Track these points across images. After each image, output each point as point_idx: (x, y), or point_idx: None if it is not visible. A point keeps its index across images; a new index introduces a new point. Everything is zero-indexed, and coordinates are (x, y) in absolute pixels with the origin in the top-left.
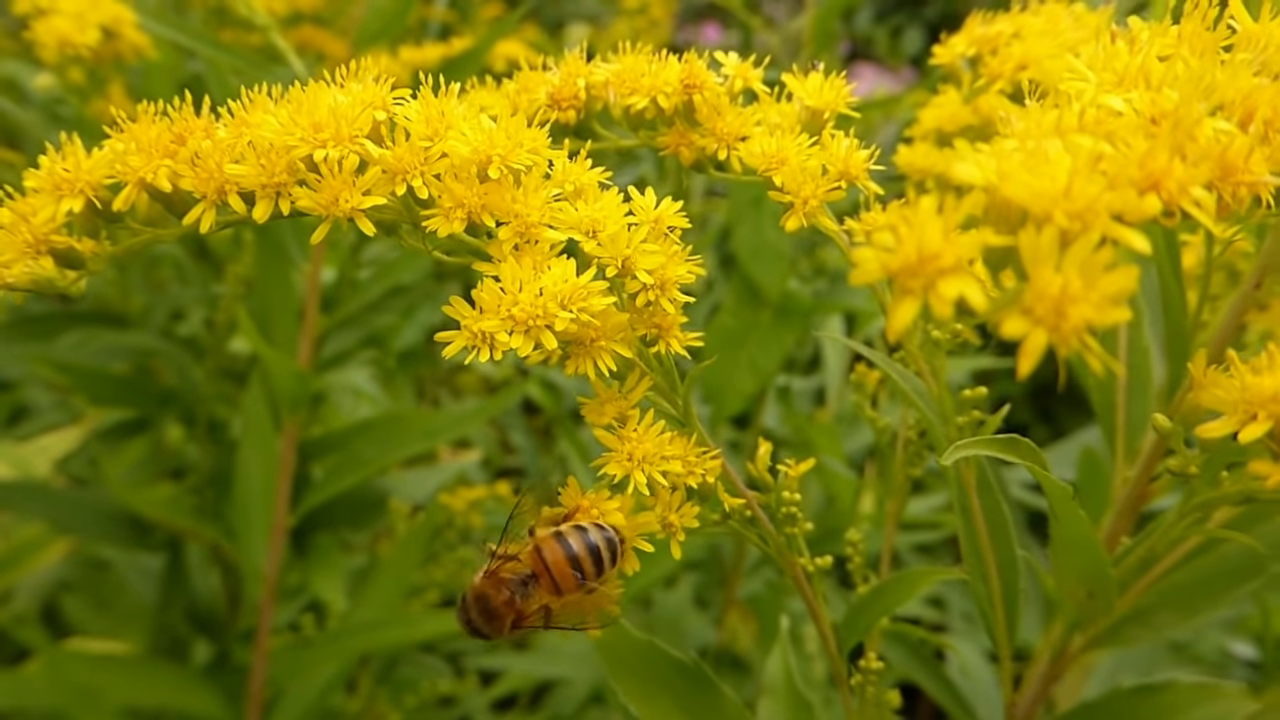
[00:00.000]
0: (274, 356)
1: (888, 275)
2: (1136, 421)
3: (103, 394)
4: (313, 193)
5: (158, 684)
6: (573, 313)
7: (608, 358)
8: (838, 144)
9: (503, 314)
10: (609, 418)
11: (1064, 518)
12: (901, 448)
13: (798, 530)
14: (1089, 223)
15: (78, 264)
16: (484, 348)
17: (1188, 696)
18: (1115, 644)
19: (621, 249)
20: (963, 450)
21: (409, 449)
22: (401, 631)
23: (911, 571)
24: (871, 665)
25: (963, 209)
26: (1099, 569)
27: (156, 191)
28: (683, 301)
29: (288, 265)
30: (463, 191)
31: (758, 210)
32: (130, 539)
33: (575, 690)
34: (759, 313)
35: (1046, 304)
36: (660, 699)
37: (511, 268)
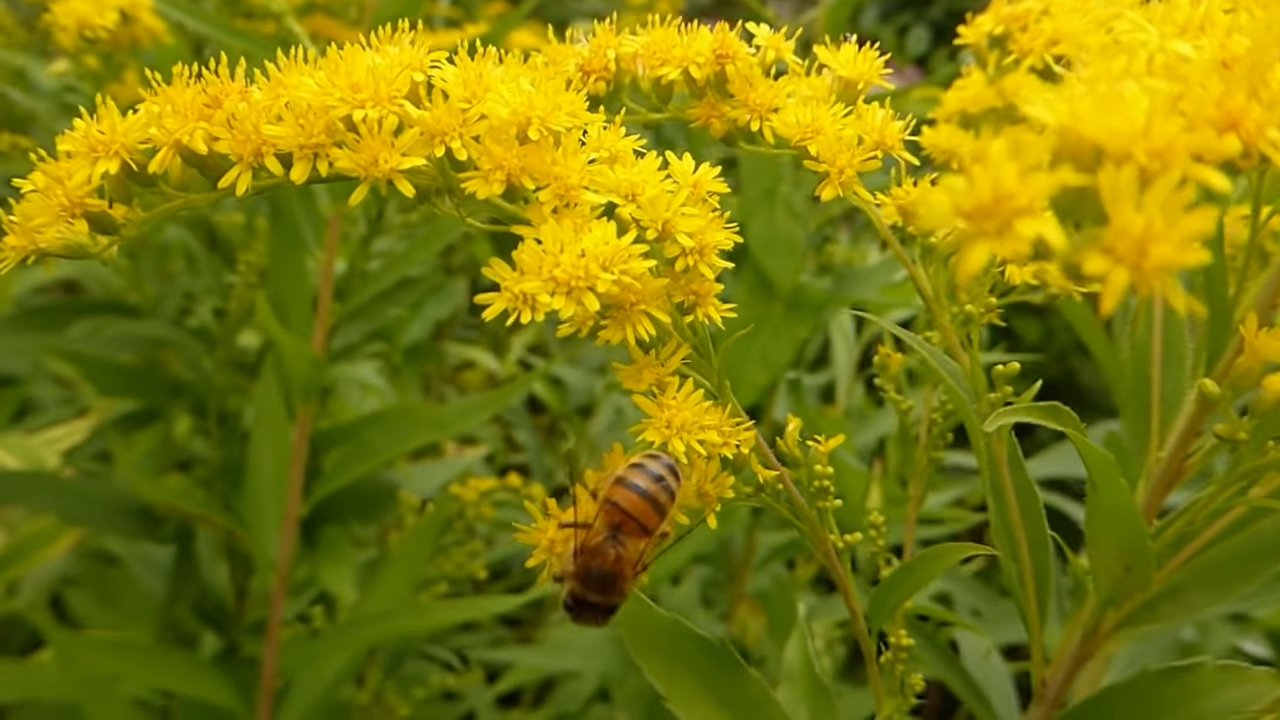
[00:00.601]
0: (289, 341)
1: (961, 216)
2: (1171, 397)
3: (112, 384)
4: (352, 153)
5: (169, 671)
6: (614, 274)
7: (646, 322)
8: (873, 113)
9: (545, 275)
10: (646, 384)
11: (1104, 487)
12: (925, 430)
13: (828, 504)
14: (1169, 162)
15: (110, 229)
16: (525, 309)
17: (1214, 679)
18: (1149, 622)
19: (661, 212)
20: (1004, 418)
21: (418, 439)
22: (412, 622)
23: (940, 547)
24: (902, 642)
25: (1037, 149)
26: (1138, 540)
27: (191, 155)
28: (720, 268)
29: (302, 252)
30: (502, 153)
31: (771, 202)
32: (140, 530)
33: (581, 687)
34: (771, 305)
35: (1128, 242)
36: (685, 677)
37: (553, 229)
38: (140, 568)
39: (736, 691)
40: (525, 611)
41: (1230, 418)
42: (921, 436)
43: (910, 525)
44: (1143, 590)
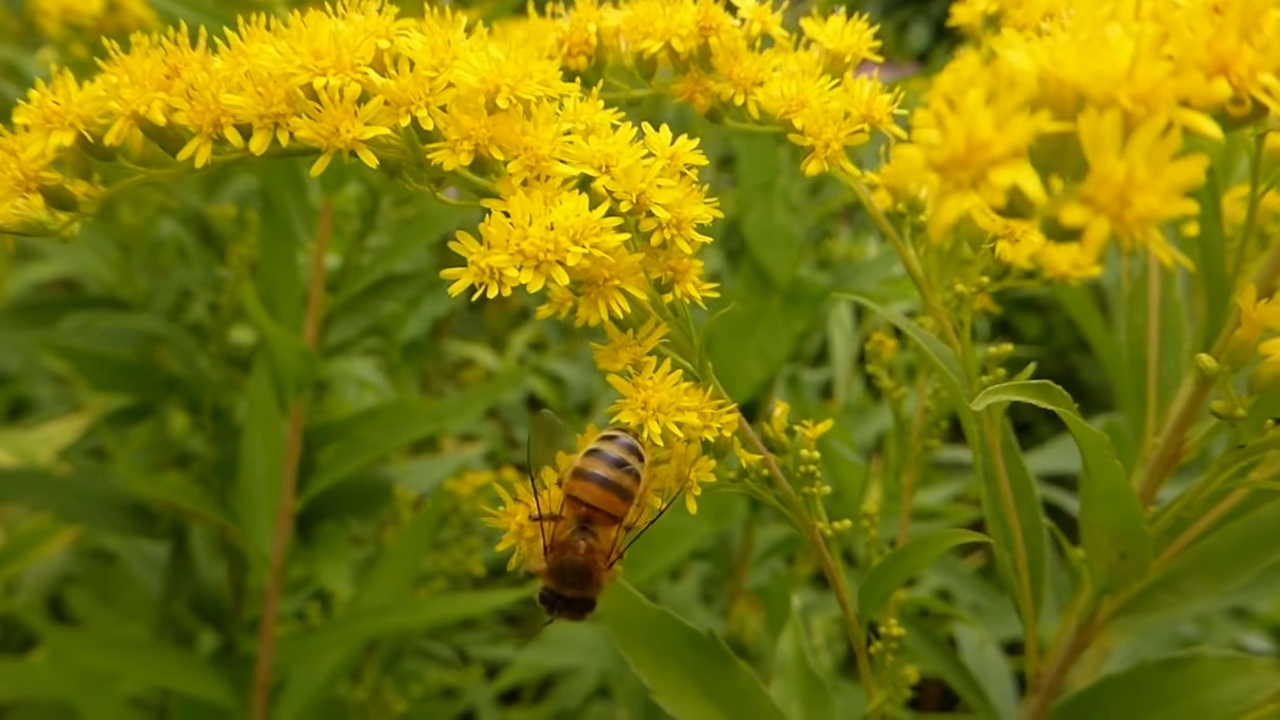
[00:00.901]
0: (279, 333)
1: (933, 169)
2: (1168, 380)
3: (105, 379)
4: (312, 123)
5: (164, 668)
6: (585, 248)
7: (620, 299)
8: (860, 86)
9: (512, 248)
10: (623, 364)
11: (1098, 470)
12: (919, 416)
13: (816, 490)
14: (1154, 107)
15: (69, 205)
16: (492, 284)
17: (1216, 670)
18: (1146, 611)
19: (636, 183)
20: (994, 395)
21: (414, 433)
22: (408, 617)
23: (932, 534)
24: (893, 632)
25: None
26: (1134, 525)
27: (151, 127)
28: (700, 243)
29: (293, 245)
30: (470, 123)
31: (768, 195)
32: (135, 527)
33: (581, 684)
34: (768, 299)
35: (1110, 191)
36: (673, 671)
37: (521, 201)
38: (138, 565)
39: (725, 684)
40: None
41: (1228, 394)
42: (917, 425)
43: (904, 514)
44: (1139, 577)
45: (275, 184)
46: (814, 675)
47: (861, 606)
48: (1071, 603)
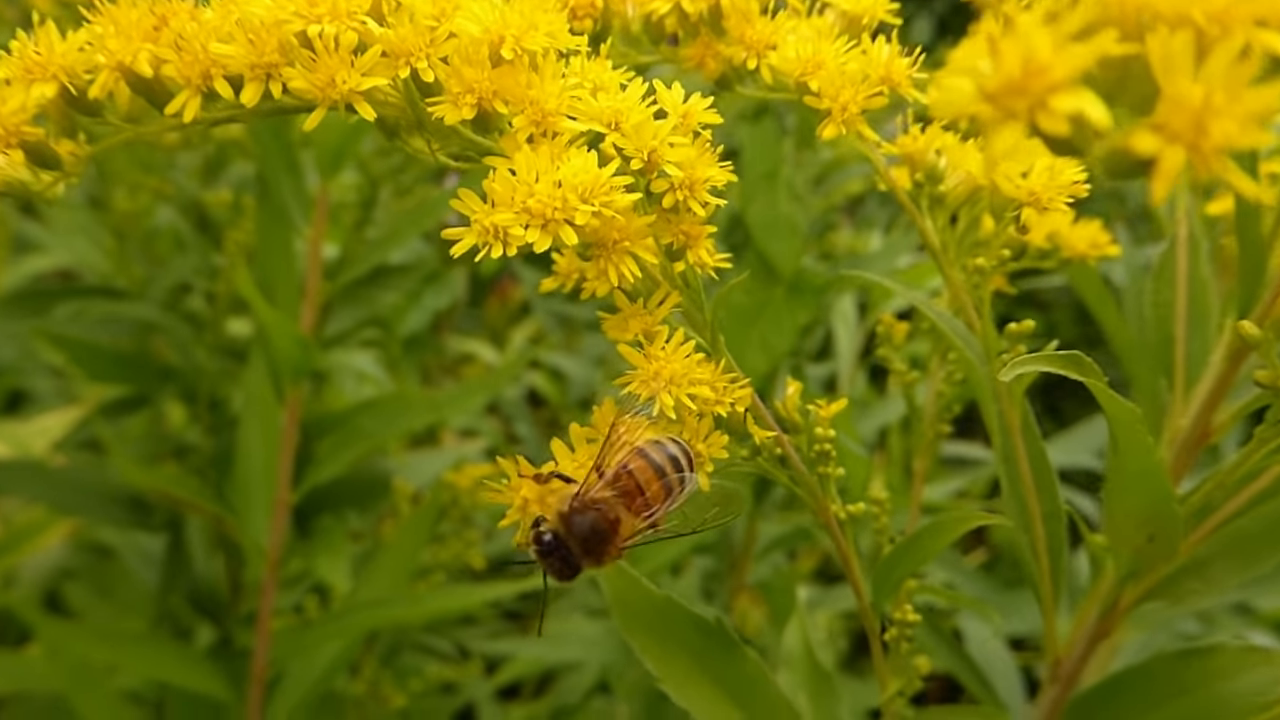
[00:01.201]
0: (276, 319)
1: (985, 99)
2: (1196, 356)
3: (100, 369)
4: (307, 73)
5: (160, 661)
6: (595, 206)
7: (631, 264)
8: (878, 48)
9: (517, 206)
10: (633, 333)
11: (1127, 447)
12: (933, 400)
13: (830, 471)
14: (1230, 27)
15: (53, 163)
16: (496, 244)
17: (1235, 661)
18: (1170, 597)
19: (647, 140)
20: (1022, 366)
21: (414, 422)
22: (406, 610)
23: (947, 517)
24: (908, 618)
25: (1075, 18)
26: (1163, 505)
27: (137, 79)
28: (713, 205)
29: (289, 231)
30: (473, 75)
31: (772, 185)
32: (130, 519)
33: (581, 679)
34: (772, 290)
35: (1185, 117)
36: (679, 658)
37: (527, 157)
38: (134, 559)
39: (732, 671)
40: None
41: (1272, 362)
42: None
43: (915, 502)
44: (1167, 560)
45: (271, 168)
46: (820, 666)
47: (876, 592)
48: (1092, 590)
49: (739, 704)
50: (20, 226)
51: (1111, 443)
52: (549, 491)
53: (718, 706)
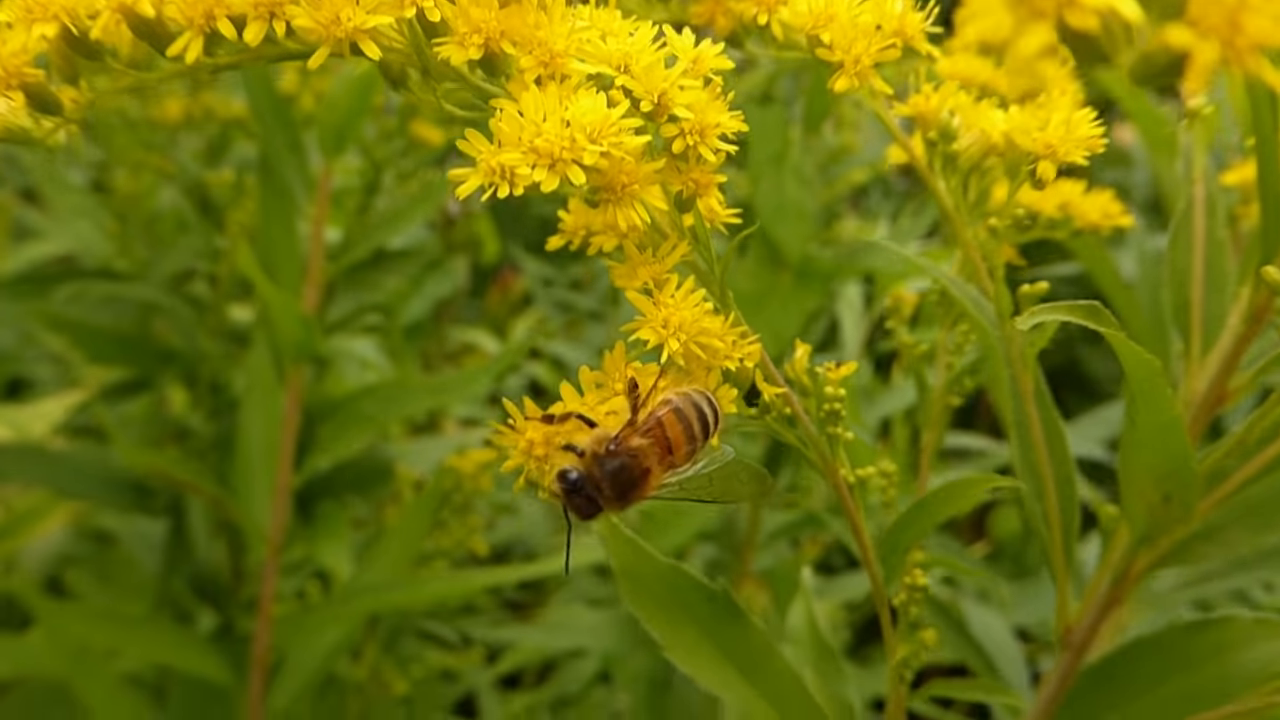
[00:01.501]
0: (278, 297)
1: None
2: (1213, 317)
3: (101, 351)
4: (311, 10)
5: (161, 644)
6: (603, 146)
7: (640, 209)
8: (892, 1)
9: (525, 145)
10: (641, 281)
11: (1146, 401)
12: (942, 371)
13: (840, 431)
14: None
15: (54, 108)
16: (502, 184)
17: (1248, 632)
18: (1184, 562)
19: (657, 83)
20: (1041, 315)
21: (416, 406)
22: (408, 594)
23: (960, 480)
24: (918, 581)
25: None
26: (1181, 462)
27: (139, 22)
28: (724, 153)
29: (292, 211)
30: (480, 15)
31: (779, 169)
32: (132, 503)
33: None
34: (779, 275)
35: (1219, 12)
36: (685, 628)
37: (535, 97)
38: (135, 544)
39: (740, 641)
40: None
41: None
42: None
43: (923, 474)
44: (1183, 522)
45: (274, 148)
46: (826, 644)
47: (884, 556)
48: (1105, 557)
49: (746, 674)
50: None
51: (1128, 399)
52: (573, 430)
53: (725, 675)
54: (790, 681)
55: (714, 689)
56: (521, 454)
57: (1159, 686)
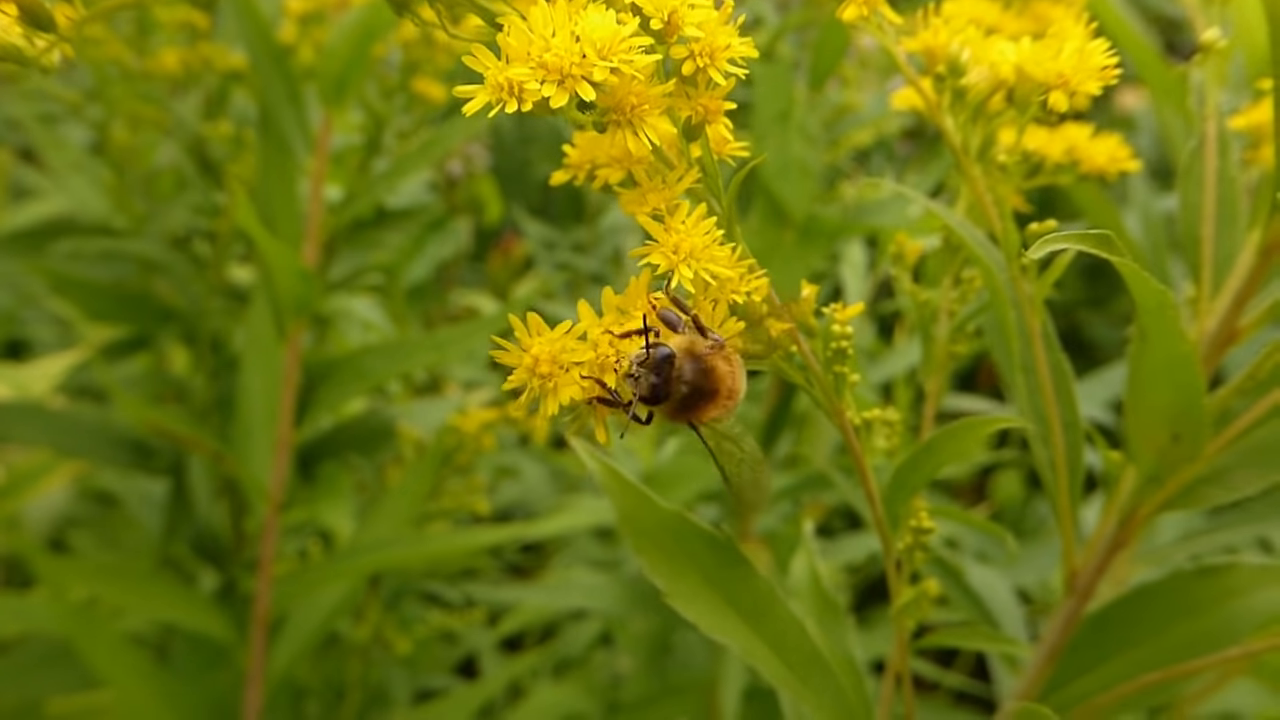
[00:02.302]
0: (277, 250)
1: None
2: (1224, 256)
3: (100, 308)
4: None
5: (163, 601)
6: (613, 63)
7: (649, 130)
8: None
9: (533, 61)
10: (650, 206)
11: (1156, 334)
12: (944, 320)
13: (847, 370)
14: None
15: (47, 25)
16: (510, 100)
17: (1251, 578)
18: (1191, 505)
19: (668, 0)
20: (1054, 243)
21: (416, 362)
22: (409, 551)
23: (966, 421)
24: (924, 524)
25: None
26: (1191, 398)
27: None
28: (733, 77)
29: (291, 165)
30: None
31: (784, 127)
32: (133, 462)
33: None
34: (782, 233)
35: None
36: (688, 575)
37: (543, 11)
38: (136, 504)
39: (743, 589)
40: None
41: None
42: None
43: (928, 422)
44: (1191, 461)
45: (273, 100)
46: (829, 598)
47: (890, 500)
48: (1112, 496)
49: (749, 621)
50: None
51: (1137, 335)
52: (631, 341)
53: (728, 622)
54: (794, 628)
55: (717, 635)
56: (526, 371)
57: (1163, 632)
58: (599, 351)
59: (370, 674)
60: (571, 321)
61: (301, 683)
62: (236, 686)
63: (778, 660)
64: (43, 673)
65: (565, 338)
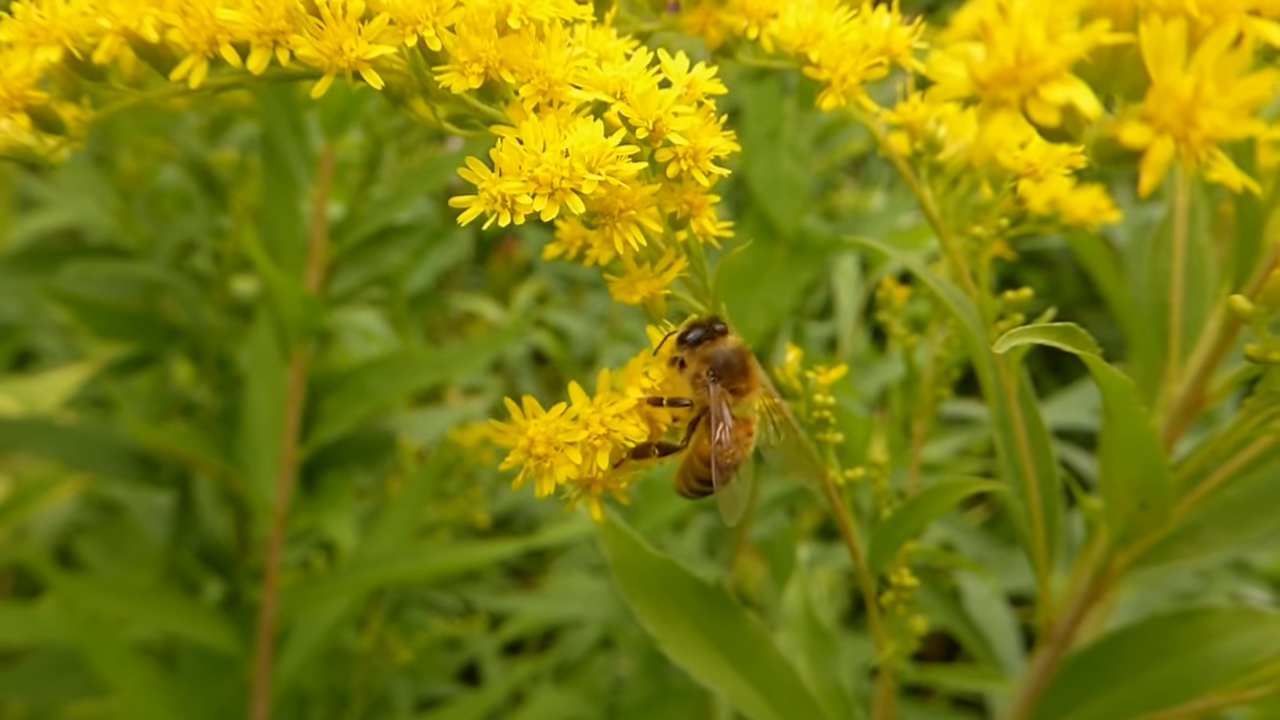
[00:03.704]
0: (281, 279)
1: (978, 86)
2: (1192, 325)
3: (109, 327)
4: (314, 40)
5: (170, 614)
6: (601, 175)
7: (636, 231)
8: (879, 18)
9: (525, 175)
10: (640, 296)
11: (1120, 416)
12: (931, 364)
13: (829, 438)
14: (1223, 16)
15: (57, 128)
16: (504, 212)
17: (1228, 622)
18: (1163, 561)
19: (652, 110)
20: (1016, 338)
21: (418, 381)
22: (411, 566)
23: (944, 483)
24: (905, 582)
25: (1067, 7)
26: (1155, 474)
27: (142, 44)
28: (716, 175)
29: (294, 191)
30: (480, 44)
31: (774, 144)
32: (139, 475)
33: (584, 635)
34: (773, 249)
35: (1174, 108)
36: (679, 621)
37: (534, 126)
38: (143, 515)
39: (733, 635)
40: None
41: (1264, 336)
42: (929, 374)
43: (914, 465)
44: (1158, 527)
45: (276, 128)
46: (820, 626)
47: (873, 557)
48: (1085, 553)
49: (738, 666)
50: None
51: (1105, 411)
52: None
53: (717, 669)
54: (783, 672)
55: (708, 682)
56: (521, 452)
57: (1141, 674)
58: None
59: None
60: (566, 404)
61: (306, 690)
62: (243, 695)
63: (766, 704)
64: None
65: (560, 419)
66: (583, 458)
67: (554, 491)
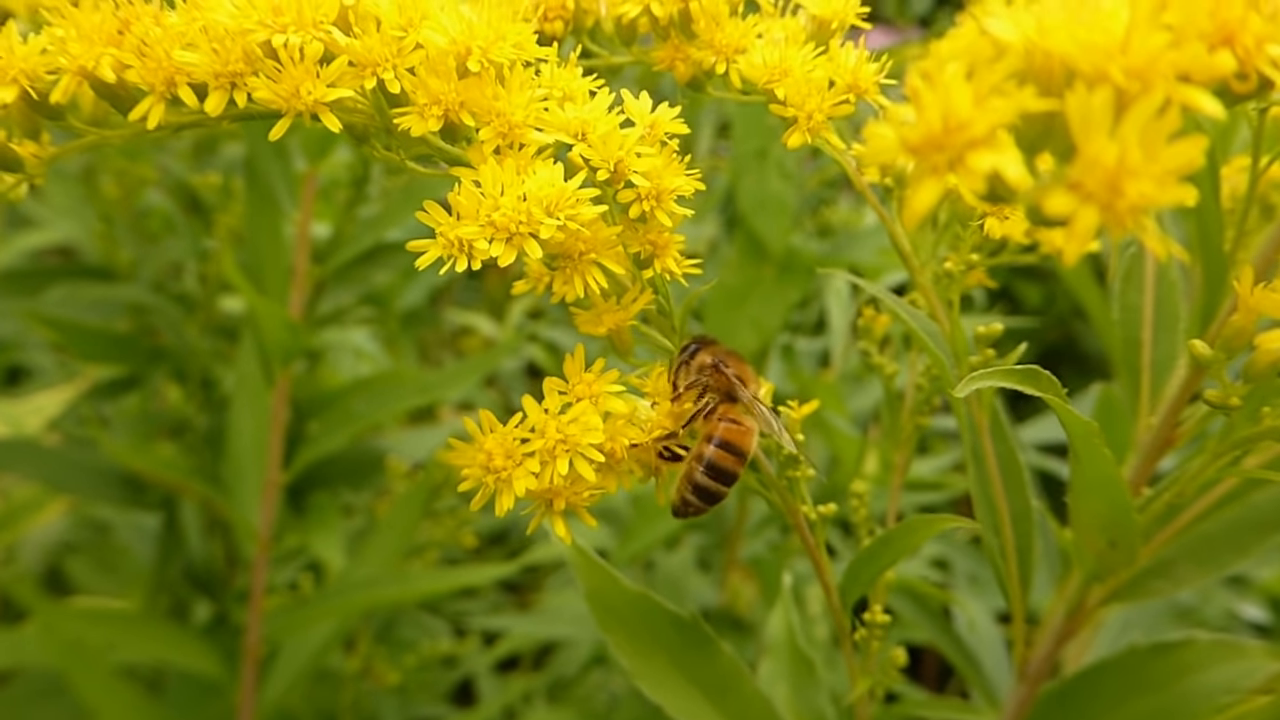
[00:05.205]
0: (263, 305)
1: (907, 151)
2: (1163, 361)
3: (94, 350)
4: (271, 83)
5: (154, 640)
6: (560, 220)
7: (597, 273)
8: (845, 54)
9: (482, 219)
10: (606, 328)
11: (1087, 458)
12: (911, 393)
13: (800, 474)
14: (1150, 82)
15: (14, 166)
16: (461, 257)
17: (1206, 655)
18: (1135, 598)
19: (614, 151)
20: (979, 381)
21: (405, 404)
22: (399, 589)
23: (918, 519)
24: (878, 619)
25: (996, 72)
26: (1123, 514)
27: (100, 84)
28: (680, 215)
29: (277, 215)
30: (439, 87)
31: (762, 162)
32: (125, 498)
33: (578, 652)
34: (762, 268)
35: (1099, 177)
36: (655, 655)
37: (493, 170)
38: (130, 536)
39: (708, 668)
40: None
41: (1223, 382)
42: (909, 403)
43: (895, 493)
44: (1127, 566)
45: (259, 153)
46: (803, 654)
47: (845, 592)
48: (1060, 588)
49: (714, 701)
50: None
51: (1071, 452)
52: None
53: (693, 704)
54: (758, 705)
55: (683, 718)
56: (479, 468)
57: (1119, 708)
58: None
59: (362, 703)
60: (522, 415)
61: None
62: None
63: None
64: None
65: (518, 430)
66: (540, 466)
67: (514, 506)
